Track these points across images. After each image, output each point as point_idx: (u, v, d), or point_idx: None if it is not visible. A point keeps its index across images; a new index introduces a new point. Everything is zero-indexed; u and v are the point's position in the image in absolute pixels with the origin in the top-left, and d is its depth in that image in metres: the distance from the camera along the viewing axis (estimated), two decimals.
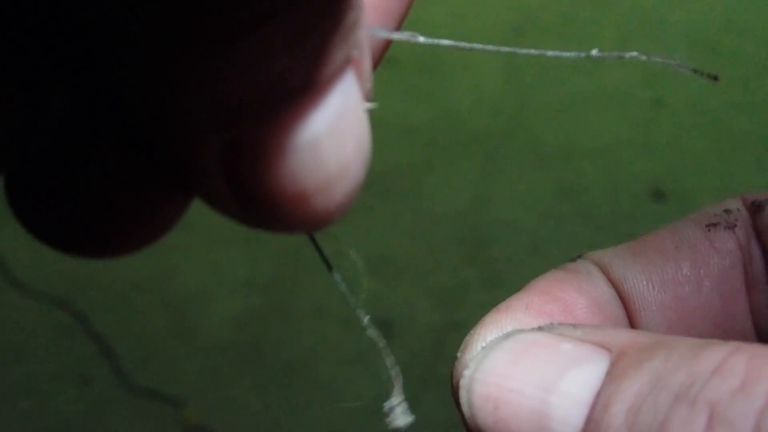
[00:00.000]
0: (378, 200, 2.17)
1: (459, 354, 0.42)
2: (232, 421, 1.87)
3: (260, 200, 0.24)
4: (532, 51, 0.34)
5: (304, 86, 0.23)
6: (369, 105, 0.27)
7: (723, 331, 0.44)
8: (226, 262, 2.13)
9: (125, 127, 0.24)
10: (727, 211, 0.46)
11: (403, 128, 2.37)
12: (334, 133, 0.24)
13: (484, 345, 0.40)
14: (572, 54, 0.34)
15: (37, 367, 1.94)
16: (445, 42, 0.31)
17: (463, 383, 0.38)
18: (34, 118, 0.23)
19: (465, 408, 0.38)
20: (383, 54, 0.31)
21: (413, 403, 0.41)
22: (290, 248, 2.14)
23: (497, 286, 2.07)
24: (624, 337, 0.37)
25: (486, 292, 2.07)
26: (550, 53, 0.34)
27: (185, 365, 1.96)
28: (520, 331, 0.40)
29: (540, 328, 0.40)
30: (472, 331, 0.43)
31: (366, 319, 0.40)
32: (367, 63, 0.27)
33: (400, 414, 0.41)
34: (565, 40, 2.58)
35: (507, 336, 0.40)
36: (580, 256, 0.47)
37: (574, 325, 0.39)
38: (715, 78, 0.35)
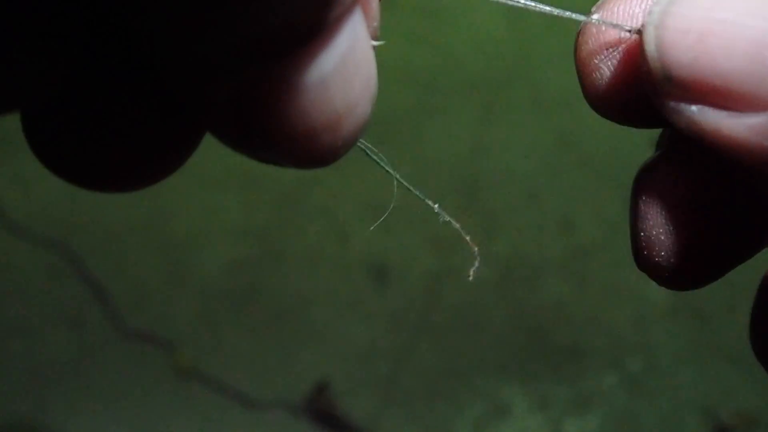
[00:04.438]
0: (375, 146, 2.14)
1: None
2: (224, 365, 1.87)
3: (270, 137, 0.25)
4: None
5: (314, 27, 0.23)
6: (376, 43, 0.27)
7: None
8: (221, 207, 2.12)
9: (141, 62, 0.25)
10: None
11: (402, 73, 2.33)
12: (341, 73, 0.25)
13: None
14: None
15: (30, 309, 1.94)
16: None
17: (651, 20, 0.32)
18: (54, 54, 0.23)
19: (650, 47, 0.32)
20: None
21: (407, 349, 0.40)
22: (286, 194, 2.12)
23: (494, 234, 2.06)
24: None
25: (483, 240, 2.06)
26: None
27: (178, 309, 1.96)
28: None
29: None
30: None
31: (436, 207, 0.38)
32: (374, 2, 0.27)
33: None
34: None
35: None
36: None
37: None
38: None
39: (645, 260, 0.37)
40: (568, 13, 0.35)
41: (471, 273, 0.39)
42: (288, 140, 0.25)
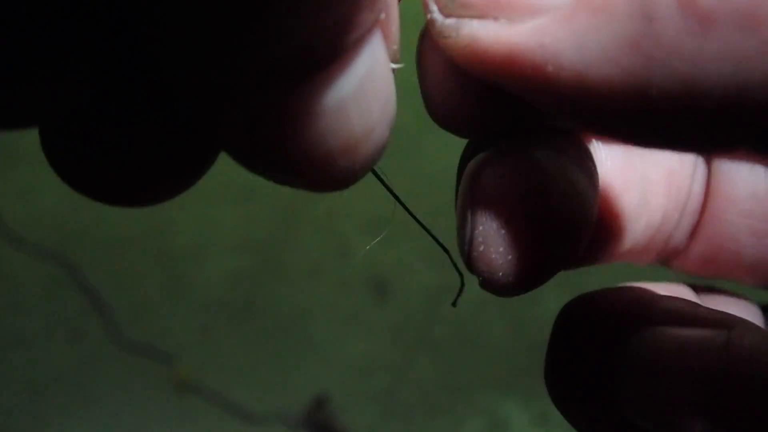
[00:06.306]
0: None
1: None
2: (223, 378, 1.87)
3: (286, 160, 0.25)
4: None
5: (333, 50, 0.23)
6: (395, 66, 0.27)
7: None
8: (221, 219, 2.12)
9: (158, 82, 0.25)
10: None
11: (403, 87, 2.33)
12: (359, 96, 0.25)
13: None
14: None
15: (29, 320, 1.94)
16: None
17: None
18: (73, 71, 0.23)
19: None
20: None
21: (407, 364, 0.39)
22: (286, 207, 2.12)
23: None
24: None
25: None
26: None
27: (178, 321, 1.95)
28: None
29: None
30: None
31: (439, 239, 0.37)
32: (394, 25, 0.27)
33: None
34: None
35: None
36: None
37: None
38: None
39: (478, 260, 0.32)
40: None
41: (457, 301, 0.39)
42: (304, 163, 0.25)
